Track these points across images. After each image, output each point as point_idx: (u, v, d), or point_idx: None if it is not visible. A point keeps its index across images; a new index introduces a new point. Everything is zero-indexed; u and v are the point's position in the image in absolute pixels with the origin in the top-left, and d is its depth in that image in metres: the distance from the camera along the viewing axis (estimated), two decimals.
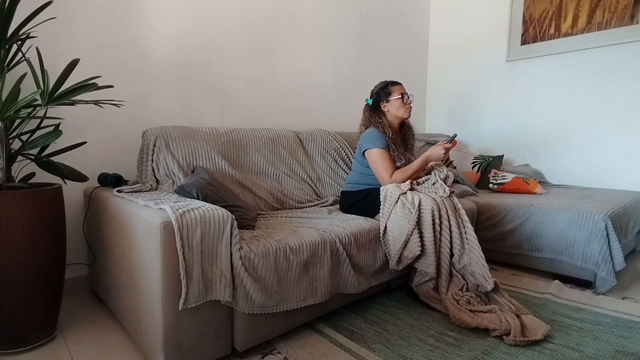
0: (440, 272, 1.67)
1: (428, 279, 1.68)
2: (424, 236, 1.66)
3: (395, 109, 1.99)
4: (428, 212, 1.66)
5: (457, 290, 1.64)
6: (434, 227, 1.65)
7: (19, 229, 1.28)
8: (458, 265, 1.70)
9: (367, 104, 2.07)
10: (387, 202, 1.74)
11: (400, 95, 1.98)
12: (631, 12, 2.54)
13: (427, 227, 1.65)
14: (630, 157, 2.61)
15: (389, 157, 1.90)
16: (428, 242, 1.65)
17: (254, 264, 1.26)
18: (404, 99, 1.98)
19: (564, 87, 2.87)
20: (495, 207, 2.26)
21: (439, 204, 1.69)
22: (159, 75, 2.07)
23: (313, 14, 2.74)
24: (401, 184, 1.80)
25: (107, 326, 1.55)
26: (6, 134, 1.38)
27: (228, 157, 1.98)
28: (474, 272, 1.67)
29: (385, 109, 2.01)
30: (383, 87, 2.03)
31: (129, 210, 1.31)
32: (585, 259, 1.91)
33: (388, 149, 1.92)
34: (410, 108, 2.01)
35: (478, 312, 1.54)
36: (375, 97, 2.05)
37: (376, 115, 2.02)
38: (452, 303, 1.58)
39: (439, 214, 1.68)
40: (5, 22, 1.32)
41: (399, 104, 1.98)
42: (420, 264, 1.67)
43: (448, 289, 1.66)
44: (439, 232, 1.67)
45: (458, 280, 1.68)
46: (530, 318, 1.52)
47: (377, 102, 2.03)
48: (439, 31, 3.61)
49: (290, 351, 1.36)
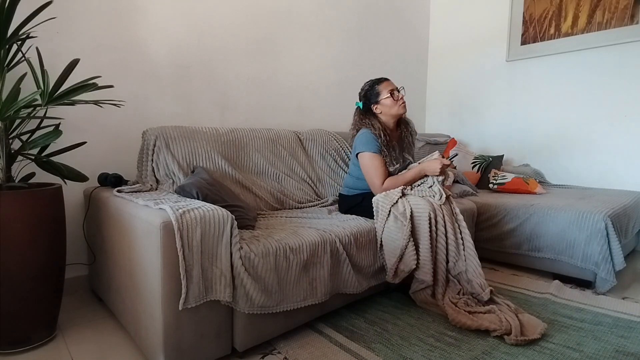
0: (437, 279, 1.66)
1: (425, 287, 1.66)
2: (419, 246, 1.64)
3: (388, 108, 1.88)
4: (425, 218, 1.63)
5: (455, 294, 1.64)
6: (431, 234, 1.63)
7: (19, 229, 1.28)
8: (453, 271, 1.69)
9: (358, 107, 1.98)
10: (379, 215, 1.70)
11: (390, 92, 1.86)
12: (631, 12, 2.54)
13: (424, 235, 1.63)
14: (630, 157, 2.61)
15: (381, 162, 1.82)
16: (424, 251, 1.63)
17: (254, 264, 1.26)
18: (394, 95, 1.87)
19: (564, 87, 2.87)
20: (495, 207, 2.26)
21: (435, 209, 1.66)
22: (159, 75, 2.07)
23: (313, 14, 2.74)
24: (391, 191, 1.74)
25: (107, 326, 1.55)
26: (6, 134, 1.38)
27: (228, 157, 1.98)
28: (471, 281, 1.66)
29: (377, 110, 1.91)
30: (369, 88, 1.93)
31: (129, 210, 1.31)
32: (585, 259, 1.91)
33: (380, 153, 1.84)
34: (404, 103, 1.89)
35: (477, 314, 1.54)
36: (364, 99, 1.94)
37: (367, 119, 1.91)
38: (451, 307, 1.57)
39: (435, 220, 1.65)
40: (5, 22, 1.32)
41: (390, 102, 1.86)
42: (417, 272, 1.65)
43: (445, 294, 1.65)
44: (435, 239, 1.66)
45: (455, 285, 1.68)
46: (528, 317, 1.53)
47: (367, 105, 1.93)
48: (439, 31, 3.61)
49: (290, 351, 1.36)
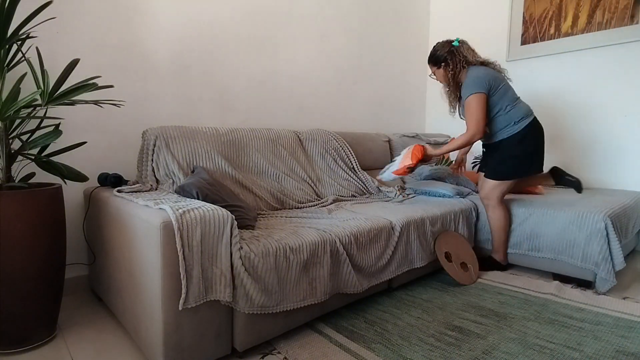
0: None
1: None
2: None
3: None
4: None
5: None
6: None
7: (19, 229, 1.28)
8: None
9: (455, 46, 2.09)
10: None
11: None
12: (631, 12, 2.54)
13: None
14: (630, 157, 2.61)
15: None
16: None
17: (254, 264, 1.26)
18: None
19: (563, 87, 2.87)
20: None
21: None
22: (159, 75, 2.07)
23: (313, 14, 2.74)
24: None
25: (107, 326, 1.55)
26: (6, 134, 1.38)
27: (228, 157, 1.98)
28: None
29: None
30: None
31: (129, 210, 1.31)
32: (585, 259, 1.91)
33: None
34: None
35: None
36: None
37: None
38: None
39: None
40: (5, 22, 1.32)
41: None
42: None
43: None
44: None
45: None
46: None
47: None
48: (439, 31, 3.61)
49: (290, 351, 1.36)
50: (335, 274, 1.51)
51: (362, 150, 2.69)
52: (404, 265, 1.83)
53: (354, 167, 2.55)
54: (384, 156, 2.85)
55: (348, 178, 2.45)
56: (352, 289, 1.56)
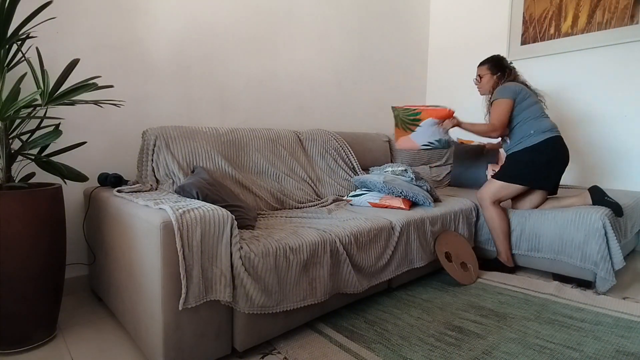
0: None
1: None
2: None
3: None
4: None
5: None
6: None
7: (19, 229, 1.28)
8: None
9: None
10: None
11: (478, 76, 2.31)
12: (631, 12, 2.54)
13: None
14: (630, 157, 2.61)
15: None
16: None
17: (254, 264, 1.26)
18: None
19: (563, 87, 2.87)
20: None
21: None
22: (159, 75, 2.07)
23: (313, 14, 2.74)
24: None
25: (107, 326, 1.55)
26: (6, 134, 1.38)
27: (228, 157, 1.99)
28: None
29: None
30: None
31: (129, 210, 1.31)
32: (584, 259, 1.92)
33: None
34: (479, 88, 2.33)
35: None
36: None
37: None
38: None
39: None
40: (5, 22, 1.32)
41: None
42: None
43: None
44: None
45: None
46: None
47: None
48: (439, 31, 3.61)
49: (290, 351, 1.36)
50: (335, 274, 1.51)
51: (362, 150, 2.69)
52: (404, 265, 1.83)
53: (354, 167, 2.55)
54: (384, 156, 2.85)
55: (348, 178, 2.46)
56: (352, 289, 1.56)
